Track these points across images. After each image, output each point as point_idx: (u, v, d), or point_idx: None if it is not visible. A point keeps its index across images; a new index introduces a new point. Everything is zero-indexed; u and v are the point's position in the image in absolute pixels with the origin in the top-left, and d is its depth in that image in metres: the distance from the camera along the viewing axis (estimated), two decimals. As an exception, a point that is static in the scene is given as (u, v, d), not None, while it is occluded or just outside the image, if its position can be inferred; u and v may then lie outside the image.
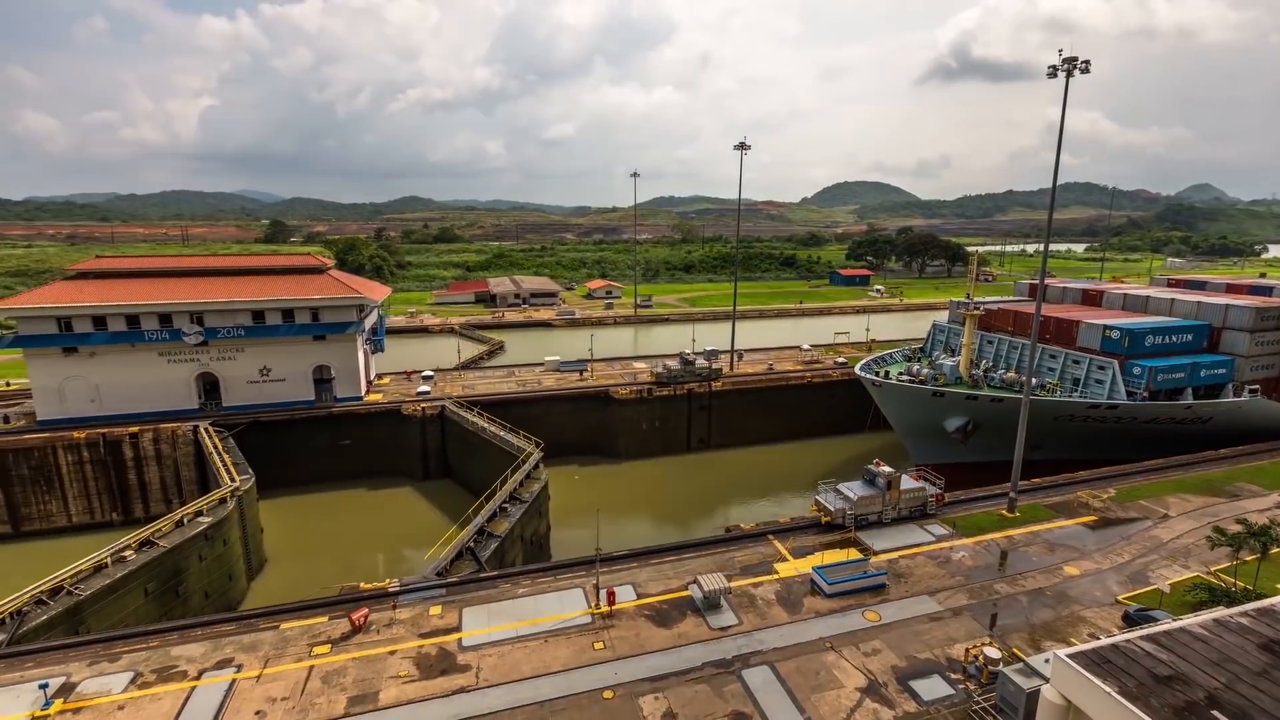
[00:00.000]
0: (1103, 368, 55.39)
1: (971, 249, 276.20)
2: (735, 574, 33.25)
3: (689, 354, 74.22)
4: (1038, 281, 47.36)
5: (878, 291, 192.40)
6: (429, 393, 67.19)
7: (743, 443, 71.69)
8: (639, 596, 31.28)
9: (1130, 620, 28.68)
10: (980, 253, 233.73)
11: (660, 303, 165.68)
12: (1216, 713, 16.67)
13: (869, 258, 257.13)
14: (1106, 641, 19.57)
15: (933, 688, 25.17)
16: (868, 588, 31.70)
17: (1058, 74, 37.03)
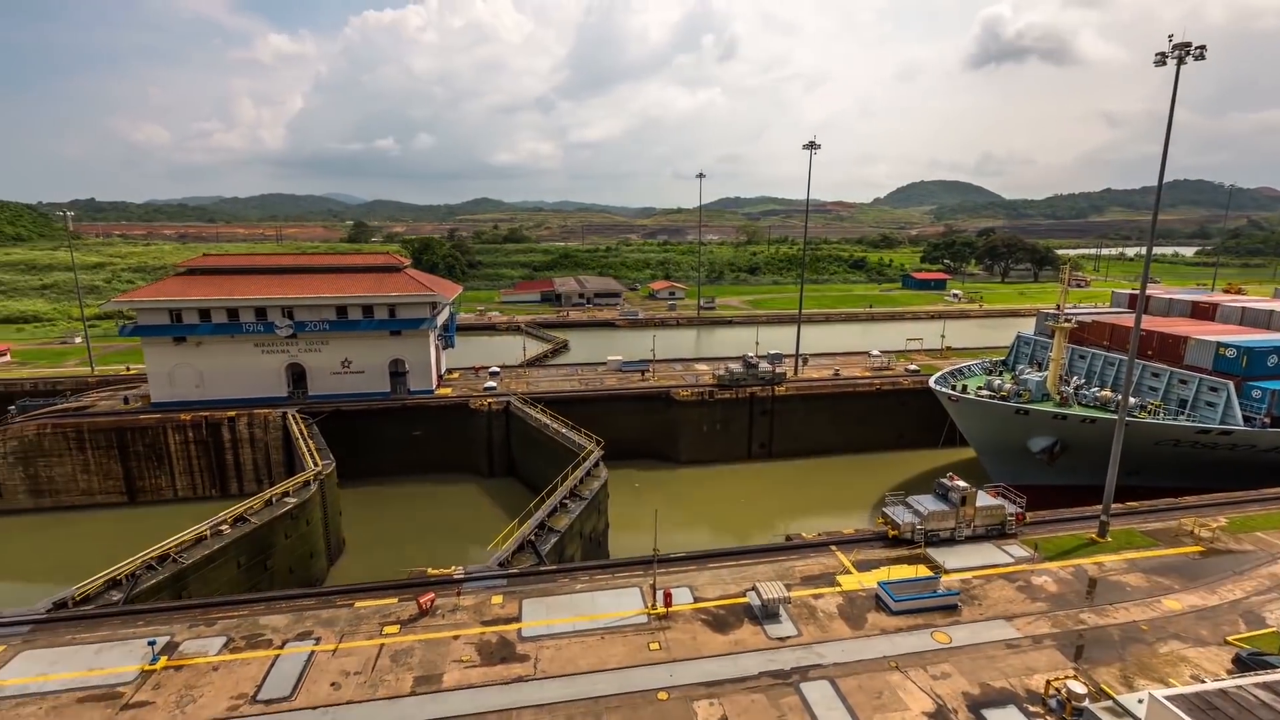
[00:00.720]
0: (1215, 389, 50.34)
1: (1061, 252, 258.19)
2: (795, 584, 32.42)
3: (752, 357, 73.06)
4: (1138, 291, 43.60)
5: (954, 296, 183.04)
6: (495, 388, 69.35)
7: (805, 451, 69.84)
8: (695, 600, 31.06)
9: (1242, 664, 25.92)
10: (1072, 256, 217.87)
11: (724, 304, 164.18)
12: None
13: (945, 261, 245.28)
14: (1213, 685, 17.78)
15: (1007, 719, 23.63)
16: (937, 607, 30.14)
17: (1166, 62, 34.00)
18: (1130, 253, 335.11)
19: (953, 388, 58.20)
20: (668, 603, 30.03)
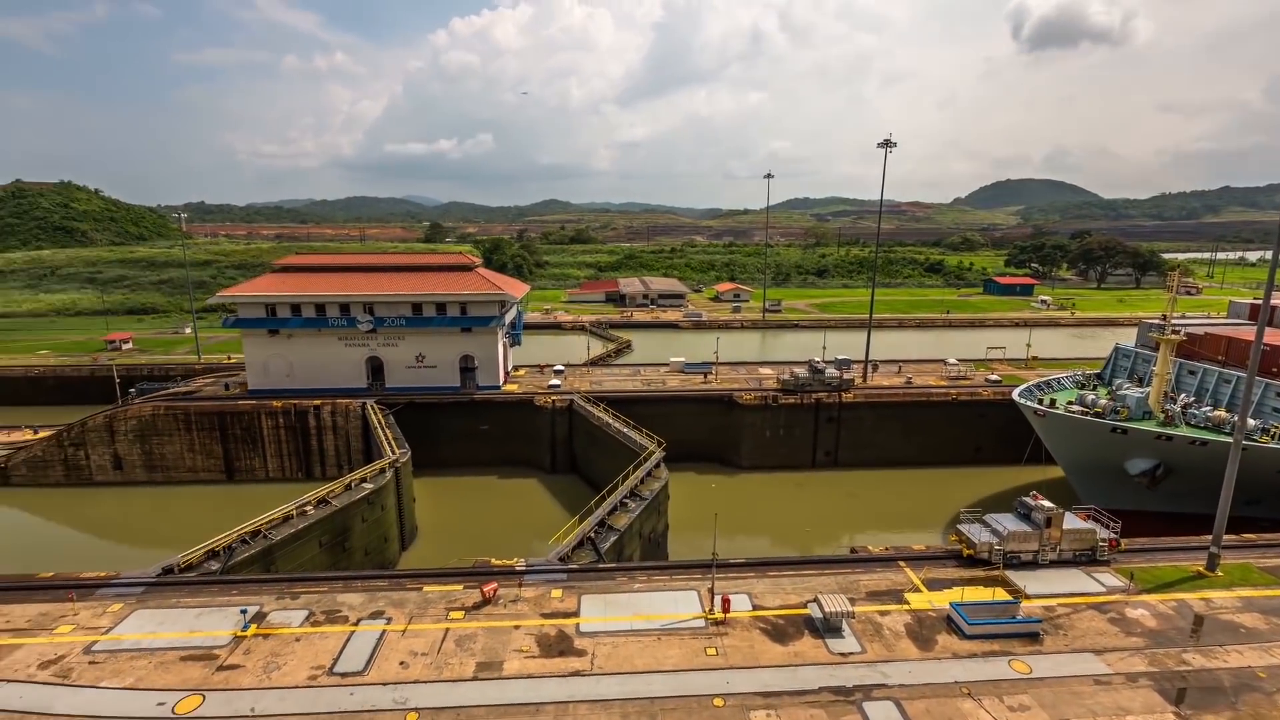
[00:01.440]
0: (1351, 411, 44.71)
1: (1168, 256, 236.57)
2: (859, 598, 31.22)
3: (818, 362, 71.07)
4: (1260, 301, 39.24)
5: (1043, 303, 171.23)
6: (559, 386, 70.73)
7: (873, 462, 67.20)
8: (754, 607, 30.48)
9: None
10: (1181, 261, 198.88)
11: (790, 308, 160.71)
12: None
13: (1034, 264, 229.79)
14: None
15: (1095, 761, 21.82)
16: (1016, 634, 28.19)
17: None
18: (1252, 257, 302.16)
19: (1040, 401, 54.42)
20: (726, 608, 29.64)
